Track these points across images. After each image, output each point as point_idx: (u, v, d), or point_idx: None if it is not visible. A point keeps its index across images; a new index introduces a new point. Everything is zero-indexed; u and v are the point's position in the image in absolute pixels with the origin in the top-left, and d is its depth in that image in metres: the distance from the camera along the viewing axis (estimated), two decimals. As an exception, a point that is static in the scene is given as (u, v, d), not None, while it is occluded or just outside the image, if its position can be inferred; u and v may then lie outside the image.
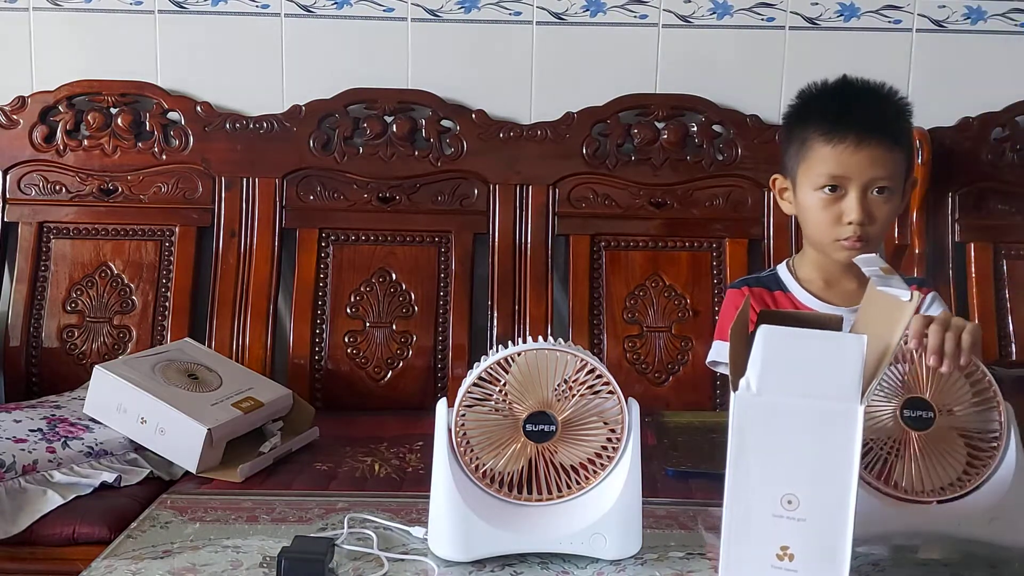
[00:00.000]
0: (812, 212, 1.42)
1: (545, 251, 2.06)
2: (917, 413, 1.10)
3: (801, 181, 1.44)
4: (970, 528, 1.10)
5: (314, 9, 2.09)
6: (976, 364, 1.12)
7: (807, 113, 1.46)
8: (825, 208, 1.40)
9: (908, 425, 1.10)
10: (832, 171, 1.39)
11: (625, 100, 2.07)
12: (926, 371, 1.11)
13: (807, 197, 1.43)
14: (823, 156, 1.40)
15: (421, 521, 1.18)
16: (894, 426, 1.10)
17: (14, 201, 2.07)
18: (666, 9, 2.09)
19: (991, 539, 1.10)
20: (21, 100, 2.07)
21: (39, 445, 1.54)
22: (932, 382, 1.11)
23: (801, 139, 1.44)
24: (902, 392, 1.11)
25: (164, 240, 2.07)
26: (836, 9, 2.08)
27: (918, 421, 1.10)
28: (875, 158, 1.38)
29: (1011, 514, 1.10)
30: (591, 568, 1.08)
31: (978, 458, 1.11)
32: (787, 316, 1.16)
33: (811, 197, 1.42)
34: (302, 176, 2.07)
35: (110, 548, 1.15)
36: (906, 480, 1.09)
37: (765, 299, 1.47)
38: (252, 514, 1.27)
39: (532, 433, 1.06)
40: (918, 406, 1.10)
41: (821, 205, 1.41)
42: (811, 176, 1.41)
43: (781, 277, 1.50)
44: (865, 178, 1.38)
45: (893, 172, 1.40)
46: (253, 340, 2.02)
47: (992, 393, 1.12)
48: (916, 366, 1.11)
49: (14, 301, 2.03)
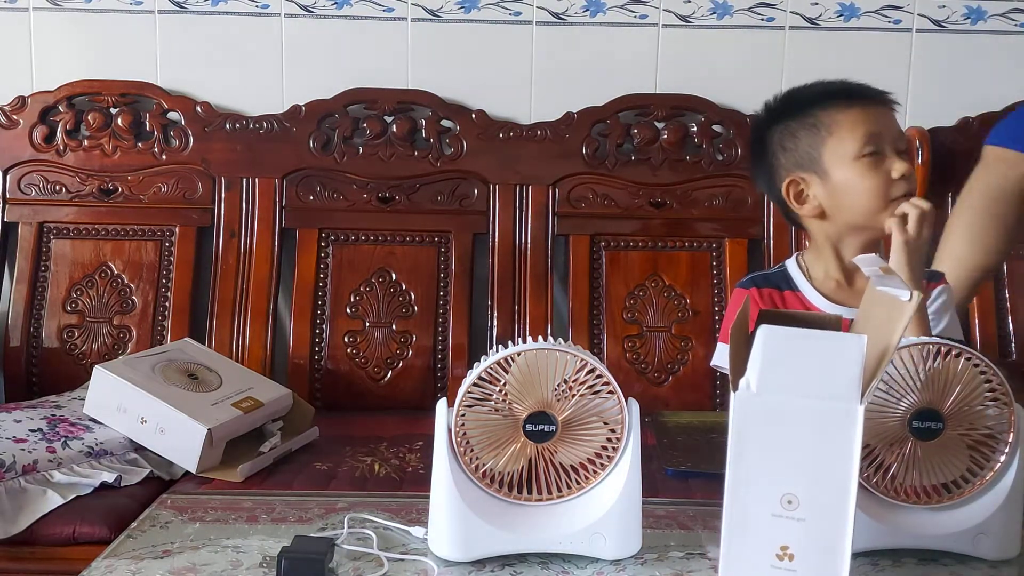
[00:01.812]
0: (856, 184, 1.36)
1: (545, 251, 2.06)
2: (926, 424, 1.08)
3: (833, 160, 1.37)
4: (955, 541, 1.10)
5: (314, 9, 2.09)
6: (991, 368, 1.09)
7: (804, 103, 1.42)
8: (871, 173, 1.35)
9: (914, 436, 1.09)
10: (868, 130, 1.35)
11: (625, 100, 2.07)
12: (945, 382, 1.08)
13: (845, 172, 1.36)
14: (853, 120, 1.36)
15: (421, 521, 1.18)
16: (898, 431, 1.09)
17: (14, 201, 2.07)
18: (666, 9, 2.09)
19: (974, 555, 1.10)
20: (21, 100, 2.07)
21: (39, 445, 1.54)
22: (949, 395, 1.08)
23: (813, 124, 1.39)
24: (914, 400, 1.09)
25: (164, 240, 2.07)
26: (836, 9, 2.08)
27: (925, 432, 1.08)
28: (887, 116, 1.39)
29: (997, 531, 1.09)
30: (591, 568, 1.08)
31: (979, 464, 1.10)
32: (787, 316, 1.16)
33: (851, 170, 1.36)
34: (302, 176, 2.07)
35: (110, 548, 1.15)
36: (898, 481, 1.09)
37: (774, 299, 1.42)
38: (252, 514, 1.27)
39: (532, 433, 1.06)
40: (928, 417, 1.08)
41: (866, 171, 1.35)
42: (845, 146, 1.36)
43: (792, 275, 1.44)
44: (893, 134, 1.37)
45: (902, 132, 1.41)
46: (253, 340, 2.02)
47: (1006, 400, 1.09)
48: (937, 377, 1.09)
49: (14, 301, 2.03)
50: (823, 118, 1.38)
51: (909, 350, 1.09)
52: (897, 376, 1.08)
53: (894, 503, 1.11)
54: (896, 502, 1.11)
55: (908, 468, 1.09)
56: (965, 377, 1.08)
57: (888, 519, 1.10)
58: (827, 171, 1.38)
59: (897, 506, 1.11)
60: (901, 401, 1.09)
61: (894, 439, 1.09)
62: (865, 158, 1.35)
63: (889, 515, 1.11)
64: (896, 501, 1.11)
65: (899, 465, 1.09)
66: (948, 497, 1.11)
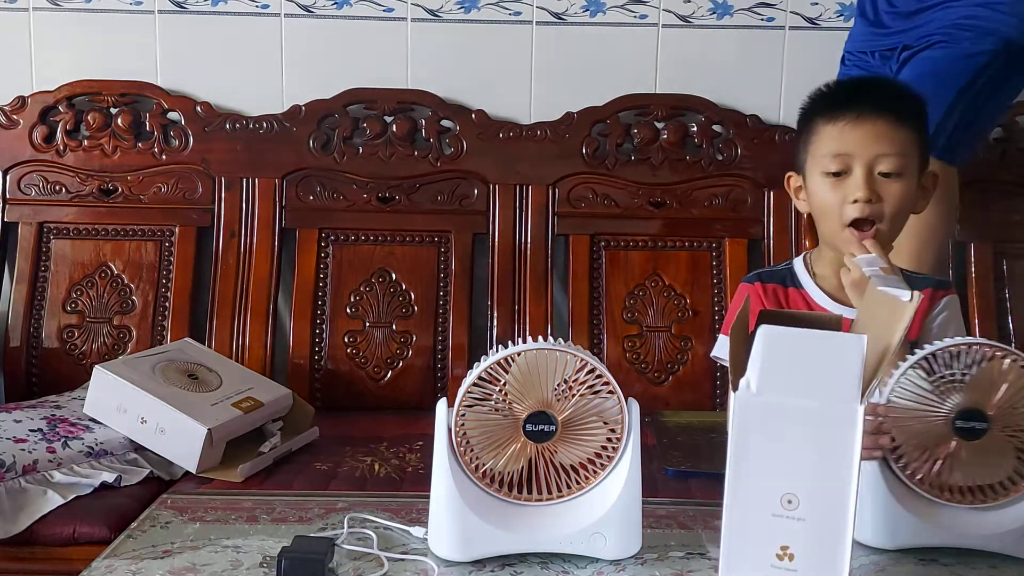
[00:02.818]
0: (820, 198, 1.37)
1: (545, 251, 2.06)
2: (970, 424, 1.08)
3: (810, 170, 1.39)
4: (999, 542, 1.09)
5: (314, 9, 2.09)
6: None
7: (813, 105, 1.43)
8: (831, 192, 1.35)
9: (958, 435, 1.09)
10: (835, 149, 1.34)
11: (625, 100, 2.07)
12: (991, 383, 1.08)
13: (815, 184, 1.38)
14: (826, 136, 1.36)
15: (421, 521, 1.18)
16: (941, 431, 1.09)
17: (14, 201, 2.07)
18: (666, 9, 2.09)
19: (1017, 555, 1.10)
20: (21, 100, 2.07)
21: (39, 445, 1.54)
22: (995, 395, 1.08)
23: (808, 130, 1.41)
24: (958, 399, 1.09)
25: (164, 240, 2.07)
26: (836, 9, 2.08)
27: (969, 432, 1.08)
28: (878, 133, 1.33)
29: None
30: (591, 568, 1.08)
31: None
32: (787, 316, 1.16)
33: (819, 183, 1.37)
34: (302, 176, 2.07)
35: (110, 548, 1.15)
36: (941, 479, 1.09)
37: (778, 295, 1.42)
38: (252, 514, 1.27)
39: (532, 433, 1.06)
40: (972, 417, 1.08)
41: (828, 189, 1.35)
42: (817, 160, 1.37)
43: (797, 273, 1.45)
44: (868, 154, 1.33)
45: (901, 150, 1.34)
46: (253, 340, 2.02)
47: None
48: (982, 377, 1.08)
49: (14, 301, 2.03)
50: (813, 125, 1.40)
51: (953, 350, 1.09)
52: (941, 376, 1.08)
53: (937, 501, 1.11)
54: (939, 500, 1.11)
55: (951, 467, 1.09)
56: (1011, 378, 1.08)
57: (931, 517, 1.10)
58: (806, 178, 1.42)
59: (940, 504, 1.11)
60: (945, 401, 1.09)
61: (938, 438, 1.09)
62: (830, 176, 1.36)
63: (932, 513, 1.11)
64: (939, 500, 1.10)
65: (943, 464, 1.09)
66: (994, 497, 1.10)
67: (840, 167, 1.35)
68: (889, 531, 1.11)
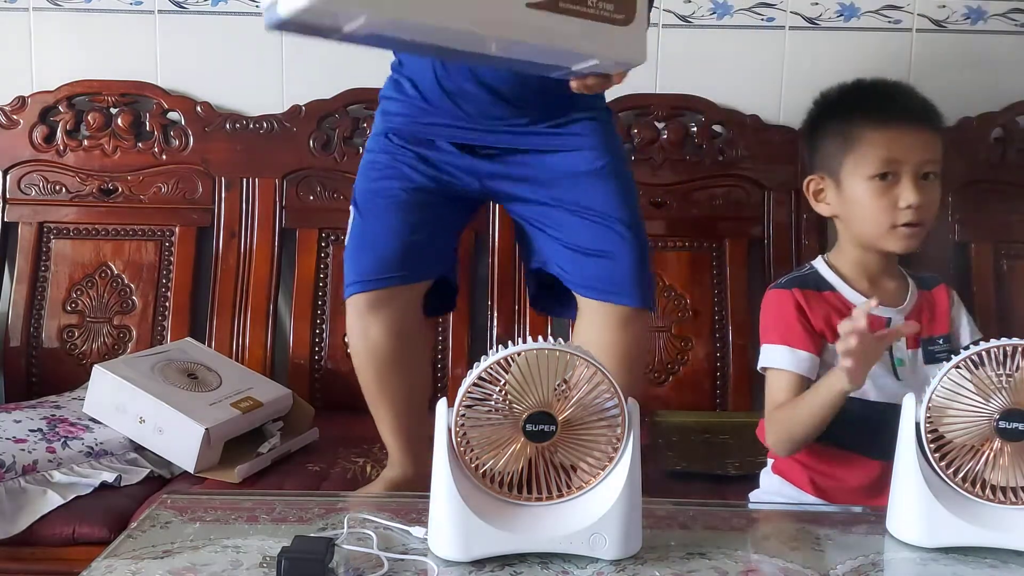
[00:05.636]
0: (864, 202, 1.39)
1: (545, 251, 2.05)
2: (1013, 425, 1.08)
3: (849, 173, 1.40)
4: None
5: (314, 9, 2.09)
6: None
7: (847, 107, 1.44)
8: (879, 196, 1.37)
9: (1001, 436, 1.08)
10: (886, 155, 1.37)
11: (625, 100, 2.07)
12: None
13: (857, 188, 1.39)
14: (875, 142, 1.37)
15: (421, 521, 1.18)
16: (984, 431, 1.08)
17: (14, 201, 2.07)
18: (667, 9, 2.08)
19: None
20: (21, 100, 2.07)
21: (39, 445, 1.55)
22: None
23: (844, 133, 1.41)
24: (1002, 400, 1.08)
25: (164, 240, 2.07)
26: (836, 9, 2.08)
27: (1012, 433, 1.08)
28: (925, 141, 1.38)
29: None
30: (591, 568, 1.08)
31: None
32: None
33: (862, 187, 1.38)
34: (302, 176, 2.07)
35: (110, 548, 1.14)
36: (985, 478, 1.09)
37: (817, 300, 1.41)
38: (252, 514, 1.27)
39: (532, 433, 1.06)
40: (1016, 418, 1.08)
41: (875, 193, 1.37)
42: (862, 165, 1.38)
43: (825, 277, 1.44)
44: (917, 160, 1.37)
45: (938, 157, 1.40)
46: (253, 340, 2.02)
47: None
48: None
49: (14, 301, 2.03)
50: (851, 130, 1.40)
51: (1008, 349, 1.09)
52: (984, 377, 1.08)
53: (978, 500, 1.10)
54: (981, 500, 1.10)
55: (994, 467, 1.09)
56: None
57: (973, 516, 1.10)
58: (842, 181, 1.41)
59: (981, 503, 1.10)
60: (989, 401, 1.09)
61: (981, 438, 1.09)
62: (878, 179, 1.37)
63: (973, 512, 1.10)
64: (980, 499, 1.10)
65: (984, 463, 1.09)
66: None
67: (888, 171, 1.37)
68: (929, 529, 1.10)
